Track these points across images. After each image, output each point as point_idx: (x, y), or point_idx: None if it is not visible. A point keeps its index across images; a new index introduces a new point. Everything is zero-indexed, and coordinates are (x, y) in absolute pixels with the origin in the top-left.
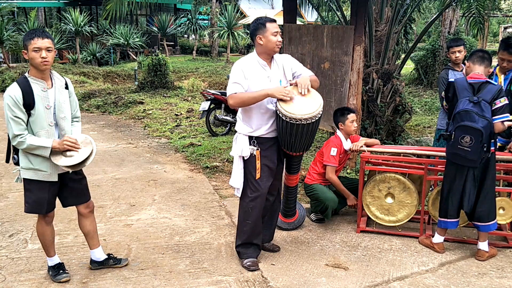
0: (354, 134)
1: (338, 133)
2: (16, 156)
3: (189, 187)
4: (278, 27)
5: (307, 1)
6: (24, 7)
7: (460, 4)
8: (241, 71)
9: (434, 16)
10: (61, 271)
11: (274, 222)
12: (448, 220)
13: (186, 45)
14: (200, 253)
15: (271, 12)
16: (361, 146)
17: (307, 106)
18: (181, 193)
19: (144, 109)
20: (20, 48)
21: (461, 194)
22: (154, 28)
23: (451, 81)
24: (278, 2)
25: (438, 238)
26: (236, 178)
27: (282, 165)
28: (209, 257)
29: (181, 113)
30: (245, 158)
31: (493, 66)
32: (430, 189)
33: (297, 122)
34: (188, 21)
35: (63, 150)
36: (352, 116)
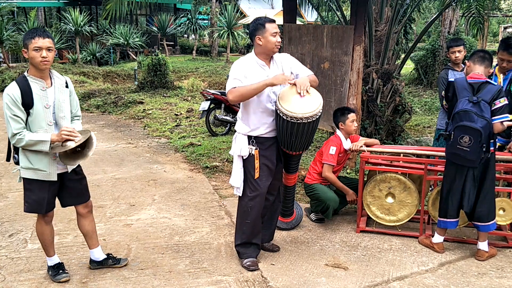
0: (354, 134)
1: (338, 133)
2: (17, 156)
3: (189, 187)
4: (278, 28)
5: (307, 1)
6: (24, 7)
7: (460, 4)
8: (241, 69)
9: (434, 16)
10: (61, 271)
11: (274, 222)
12: (448, 220)
13: (186, 45)
14: (200, 253)
15: (271, 12)
16: (361, 146)
17: (307, 105)
18: (181, 193)
19: (144, 109)
20: (20, 48)
21: (461, 194)
22: (154, 28)
23: (451, 81)
24: (278, 2)
25: (438, 238)
26: (236, 177)
27: (282, 165)
28: (209, 257)
29: (181, 113)
30: (244, 158)
31: (493, 66)
32: (430, 189)
33: (298, 121)
34: (188, 21)
35: (63, 141)
36: (352, 116)
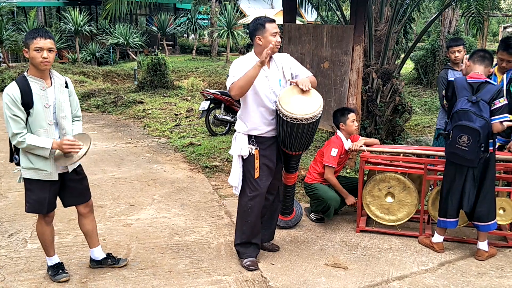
0: (355, 134)
1: (339, 134)
2: (17, 156)
3: (189, 187)
4: (278, 28)
5: (307, 1)
6: (24, 7)
7: (460, 4)
8: (240, 67)
9: (434, 16)
10: (61, 271)
11: (274, 222)
12: (448, 220)
13: (186, 45)
14: (200, 253)
15: (271, 12)
16: (361, 146)
17: (308, 106)
18: (181, 193)
19: (144, 109)
20: (20, 48)
21: (461, 194)
22: (154, 28)
23: (451, 80)
24: (278, 2)
25: (438, 238)
26: (235, 177)
27: (282, 164)
28: (209, 257)
29: (181, 113)
30: (244, 157)
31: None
32: (430, 189)
33: (298, 122)
34: (188, 21)
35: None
36: (352, 116)
